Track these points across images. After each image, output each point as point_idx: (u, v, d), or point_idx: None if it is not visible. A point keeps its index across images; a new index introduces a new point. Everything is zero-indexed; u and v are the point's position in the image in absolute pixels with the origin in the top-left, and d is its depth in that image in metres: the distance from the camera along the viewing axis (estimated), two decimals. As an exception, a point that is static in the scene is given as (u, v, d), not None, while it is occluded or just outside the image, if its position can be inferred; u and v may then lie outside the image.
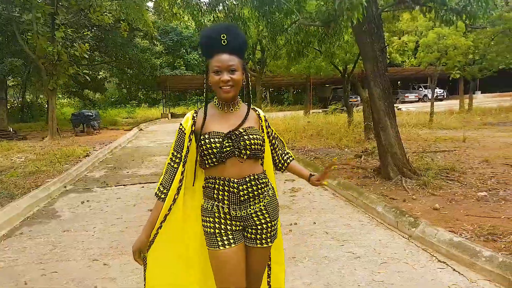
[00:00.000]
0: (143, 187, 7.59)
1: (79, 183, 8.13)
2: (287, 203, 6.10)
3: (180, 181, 2.10)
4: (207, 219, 2.08)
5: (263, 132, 2.20)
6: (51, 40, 14.85)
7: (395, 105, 8.28)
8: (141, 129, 21.36)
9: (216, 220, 2.05)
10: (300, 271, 3.76)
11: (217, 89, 2.04)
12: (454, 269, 3.64)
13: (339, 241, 4.48)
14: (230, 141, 2.01)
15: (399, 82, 42.77)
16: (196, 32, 36.51)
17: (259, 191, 2.08)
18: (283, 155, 2.36)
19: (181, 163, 2.09)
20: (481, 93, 37.50)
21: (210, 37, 2.02)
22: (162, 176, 2.13)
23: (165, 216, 2.10)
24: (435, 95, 18.20)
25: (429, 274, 3.58)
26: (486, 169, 7.21)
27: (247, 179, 2.05)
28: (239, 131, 2.04)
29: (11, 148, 12.54)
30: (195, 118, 2.10)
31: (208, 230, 2.06)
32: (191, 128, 2.08)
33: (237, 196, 2.04)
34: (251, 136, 2.04)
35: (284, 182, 7.38)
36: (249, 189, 2.05)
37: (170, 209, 2.10)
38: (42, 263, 4.17)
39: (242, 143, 2.02)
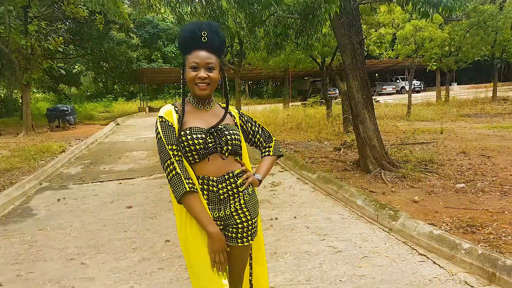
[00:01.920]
0: (120, 183, 7.46)
1: (55, 180, 7.95)
2: (268, 197, 6.08)
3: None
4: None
5: (238, 129, 2.17)
6: (24, 33, 14.47)
7: (373, 97, 8.32)
8: (118, 124, 21.02)
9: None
10: (281, 266, 3.73)
11: (192, 86, 1.99)
12: (434, 262, 3.67)
13: (320, 236, 4.47)
14: (212, 137, 1.99)
15: (376, 74, 43.23)
16: (174, 24, 36.11)
17: (239, 188, 2.05)
18: (263, 147, 2.38)
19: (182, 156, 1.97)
20: (457, 84, 38.15)
21: (191, 32, 1.97)
22: (180, 173, 1.91)
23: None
24: (412, 87, 18.42)
25: (410, 268, 3.59)
26: (464, 161, 7.31)
27: (226, 176, 2.01)
28: (219, 127, 2.02)
29: (-16, 145, 12.18)
30: (178, 112, 2.02)
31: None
32: (178, 122, 1.99)
33: (217, 195, 2.00)
34: (231, 132, 2.03)
35: (265, 176, 7.33)
36: (228, 187, 2.02)
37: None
38: (17, 263, 4.05)
39: (223, 138, 2.00)
